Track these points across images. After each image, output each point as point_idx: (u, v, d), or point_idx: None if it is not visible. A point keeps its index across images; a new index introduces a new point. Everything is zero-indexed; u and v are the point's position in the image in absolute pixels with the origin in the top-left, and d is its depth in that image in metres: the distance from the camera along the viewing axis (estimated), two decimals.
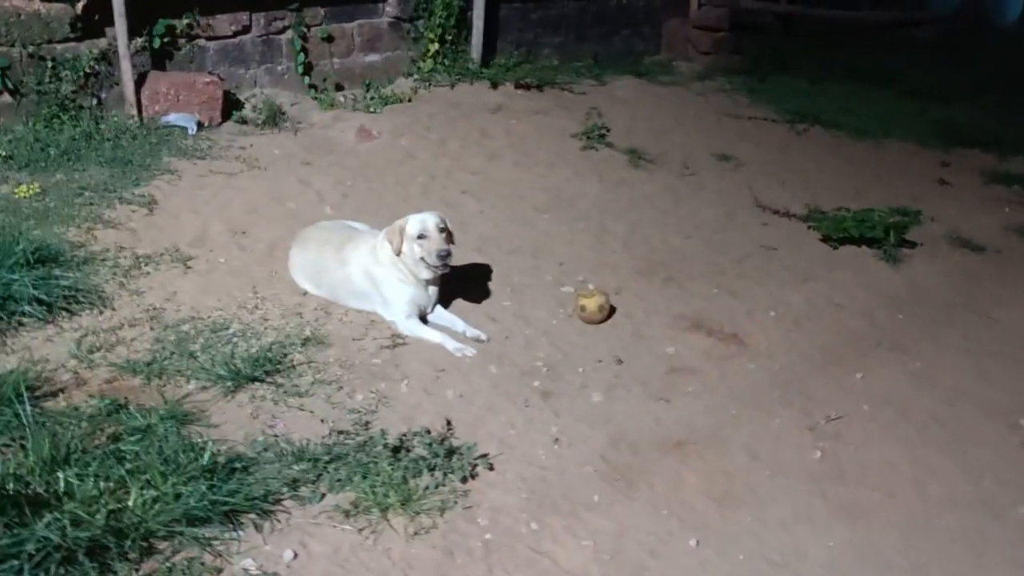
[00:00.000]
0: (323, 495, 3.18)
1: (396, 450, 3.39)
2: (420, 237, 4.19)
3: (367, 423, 3.60)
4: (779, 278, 5.29)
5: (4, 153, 5.55)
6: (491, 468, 3.44)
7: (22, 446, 3.07)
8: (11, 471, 2.87)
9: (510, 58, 8.36)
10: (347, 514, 3.11)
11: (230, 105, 6.71)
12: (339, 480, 3.23)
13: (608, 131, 7.16)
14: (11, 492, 2.75)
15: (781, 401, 4.10)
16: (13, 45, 5.94)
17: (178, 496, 2.94)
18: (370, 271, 4.34)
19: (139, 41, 6.44)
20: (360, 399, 3.77)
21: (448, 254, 4.20)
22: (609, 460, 3.58)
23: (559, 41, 9.13)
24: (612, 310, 4.64)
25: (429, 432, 3.53)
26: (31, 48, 5.99)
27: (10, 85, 5.98)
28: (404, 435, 3.48)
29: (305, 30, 7.31)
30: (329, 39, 7.48)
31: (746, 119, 8.15)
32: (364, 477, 3.23)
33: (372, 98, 7.41)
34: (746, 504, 3.42)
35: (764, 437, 3.83)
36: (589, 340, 4.43)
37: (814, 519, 3.39)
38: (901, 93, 9.32)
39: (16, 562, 2.52)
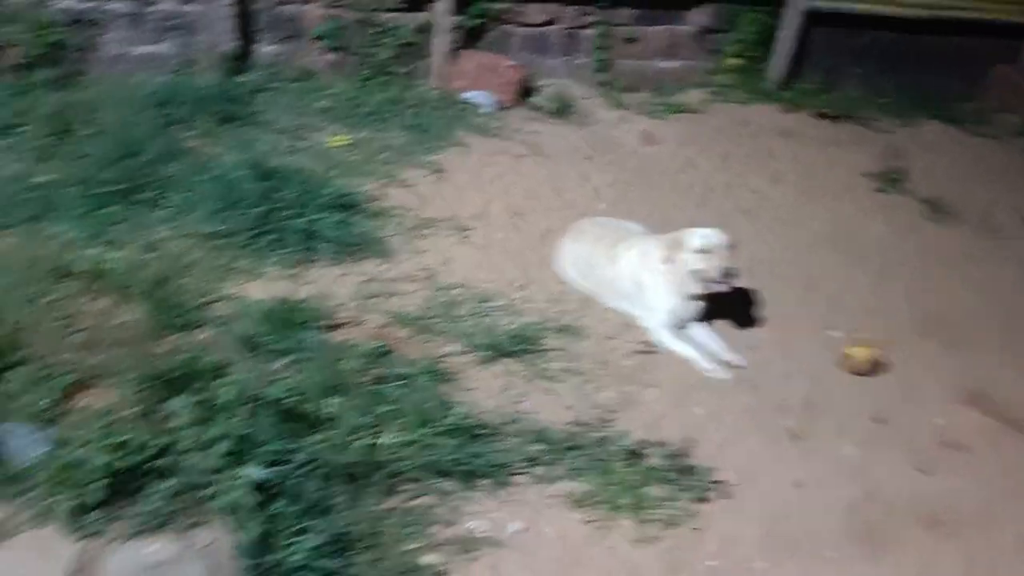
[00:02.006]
0: (557, 479, 3.22)
1: (633, 454, 3.37)
2: (702, 251, 4.08)
3: (609, 421, 3.60)
4: None
5: (325, 104, 6.10)
6: (727, 496, 3.32)
7: (302, 369, 3.37)
8: (292, 388, 3.16)
9: (810, 83, 8.00)
10: (578, 503, 3.13)
11: (525, 91, 6.96)
12: (575, 469, 3.26)
13: (905, 175, 6.66)
14: (290, 407, 3.02)
15: None
16: (347, 9, 6.52)
17: (427, 446, 3.10)
18: (637, 274, 4.32)
19: (456, 19, 6.83)
20: (606, 396, 3.77)
21: (736, 273, 4.08)
22: (856, 518, 3.34)
23: (864, 72, 8.61)
24: (881, 366, 4.31)
25: (669, 445, 3.46)
26: (361, 14, 6.54)
27: (337, 46, 6.57)
28: (644, 441, 3.44)
29: (609, 28, 7.42)
30: (630, 40, 7.54)
31: None
32: (601, 473, 3.23)
33: (661, 104, 7.38)
34: None
35: None
36: (852, 391, 4.15)
37: None
38: None
39: (285, 468, 2.76)
